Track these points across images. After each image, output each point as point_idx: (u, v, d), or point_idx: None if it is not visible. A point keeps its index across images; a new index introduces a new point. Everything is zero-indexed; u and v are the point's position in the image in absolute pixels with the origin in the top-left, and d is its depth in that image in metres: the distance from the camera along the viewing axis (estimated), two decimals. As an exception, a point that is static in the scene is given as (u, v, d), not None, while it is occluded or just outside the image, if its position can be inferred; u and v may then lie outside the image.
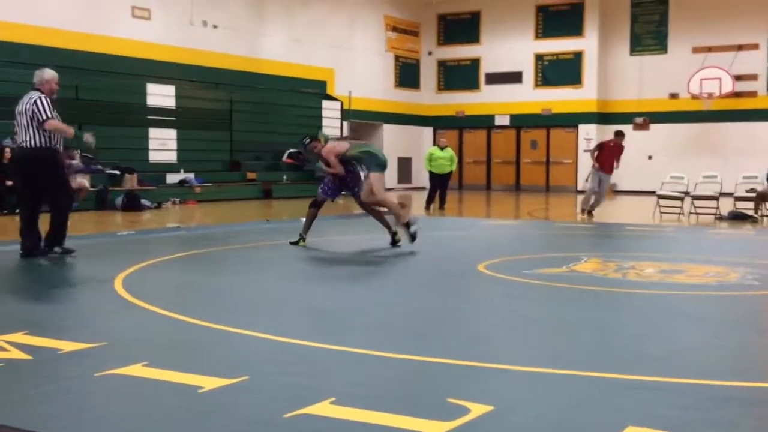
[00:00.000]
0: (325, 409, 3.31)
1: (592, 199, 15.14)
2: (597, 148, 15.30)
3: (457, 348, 4.49)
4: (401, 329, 5.12)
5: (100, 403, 3.46)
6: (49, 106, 8.08)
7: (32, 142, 8.06)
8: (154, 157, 18.55)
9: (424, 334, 4.94)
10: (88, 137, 8.46)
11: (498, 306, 5.99)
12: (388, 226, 9.65)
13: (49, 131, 8.05)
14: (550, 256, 8.85)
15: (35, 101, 8.02)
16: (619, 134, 15.48)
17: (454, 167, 17.21)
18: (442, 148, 17.03)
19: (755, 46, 23.95)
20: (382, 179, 9.31)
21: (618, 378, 3.85)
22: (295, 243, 9.57)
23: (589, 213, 14.97)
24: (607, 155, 15.14)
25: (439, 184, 17.03)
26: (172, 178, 18.40)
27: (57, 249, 8.34)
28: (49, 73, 8.32)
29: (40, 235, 8.33)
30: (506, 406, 3.37)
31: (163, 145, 18.74)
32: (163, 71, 19.34)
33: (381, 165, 9.42)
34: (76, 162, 15.79)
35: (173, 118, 19.06)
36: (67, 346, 4.38)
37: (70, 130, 8.28)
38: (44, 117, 7.97)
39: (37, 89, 8.22)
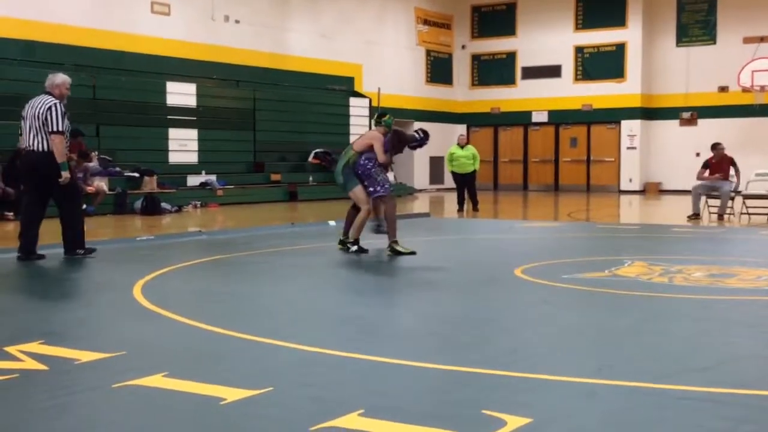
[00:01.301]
0: (353, 421, 3.31)
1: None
2: (703, 169, 14.94)
3: (493, 357, 4.48)
4: (433, 338, 5.12)
5: (118, 415, 3.49)
6: (62, 116, 8.32)
7: (42, 147, 8.29)
8: (174, 158, 18.70)
9: (458, 342, 4.93)
10: (66, 177, 8.43)
11: (536, 313, 5.96)
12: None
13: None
14: (592, 260, 8.78)
15: (50, 108, 8.24)
16: (716, 146, 15.11)
17: (478, 165, 17.12)
18: (462, 146, 16.96)
19: (810, 35, 23.62)
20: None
21: (664, 389, 3.81)
22: (347, 247, 9.45)
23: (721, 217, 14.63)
24: (715, 168, 14.79)
25: (464, 184, 16.96)
26: (193, 181, 18.53)
27: (79, 251, 8.65)
28: (60, 78, 8.52)
29: (37, 239, 8.55)
30: (544, 419, 3.35)
31: (183, 146, 18.89)
32: (183, 69, 19.50)
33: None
34: (94, 164, 15.97)
35: (194, 118, 19.20)
36: (84, 356, 4.43)
37: (63, 159, 8.34)
38: (54, 129, 8.22)
39: (48, 93, 8.42)
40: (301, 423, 3.30)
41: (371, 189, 9.28)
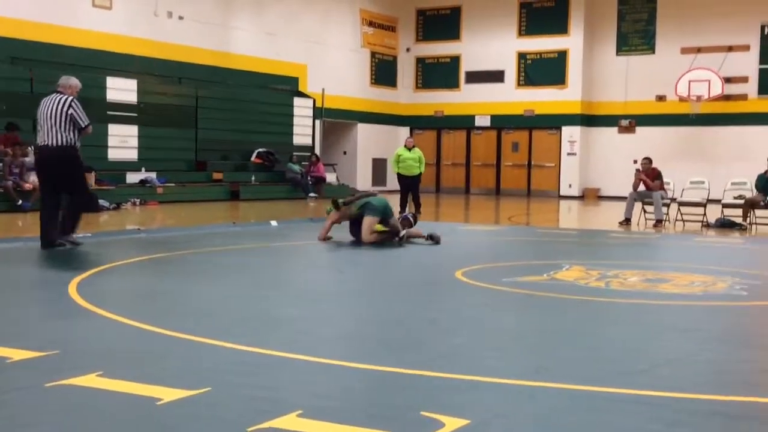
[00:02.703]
0: (291, 422, 3.29)
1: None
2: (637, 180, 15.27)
3: (432, 359, 4.49)
4: (372, 339, 5.12)
5: (50, 416, 3.41)
6: (83, 110, 9.19)
7: (55, 141, 8.98)
8: (113, 155, 18.40)
9: (397, 344, 4.93)
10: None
11: (475, 315, 6.00)
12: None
13: (76, 133, 9.07)
14: (531, 264, 8.89)
15: (72, 104, 9.05)
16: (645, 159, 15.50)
17: (423, 168, 17.22)
18: (409, 149, 17.03)
19: (746, 48, 24.25)
20: (374, 222, 10.24)
21: (599, 391, 3.86)
22: None
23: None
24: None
25: (408, 187, 17.01)
26: (132, 178, 18.27)
27: (65, 239, 9.18)
28: (75, 80, 9.47)
29: (57, 226, 9.20)
30: (483, 420, 3.37)
31: (123, 142, 18.61)
32: (124, 64, 19.22)
33: (378, 210, 10.27)
34: (29, 159, 15.63)
35: (135, 114, 18.93)
36: (16, 354, 4.33)
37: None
38: (87, 122, 9.16)
39: (60, 92, 9.20)
40: (238, 424, 3.27)
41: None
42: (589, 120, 26.38)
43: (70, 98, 9.13)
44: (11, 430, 3.21)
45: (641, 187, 15.16)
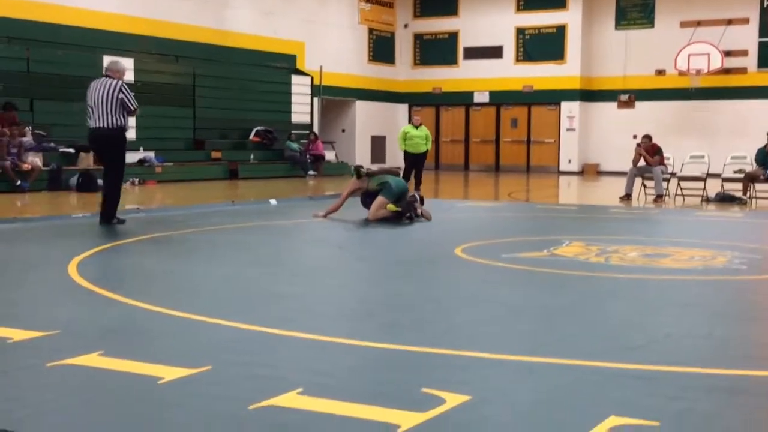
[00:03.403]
0: (292, 400, 3.31)
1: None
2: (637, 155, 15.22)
3: (433, 336, 4.51)
4: (373, 316, 5.13)
5: (52, 395, 3.42)
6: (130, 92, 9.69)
7: (106, 123, 9.43)
8: (111, 134, 18.32)
9: (398, 321, 4.94)
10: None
11: (475, 292, 6.01)
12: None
13: (125, 114, 9.55)
14: (531, 240, 8.89)
15: (122, 88, 9.50)
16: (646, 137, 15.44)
17: (430, 146, 17.27)
18: (416, 126, 17.04)
19: (745, 21, 24.13)
20: (385, 203, 10.30)
21: (600, 366, 3.88)
22: None
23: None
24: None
25: (414, 164, 17.04)
26: (131, 157, 18.16)
27: (113, 221, 9.71)
28: (122, 64, 10.07)
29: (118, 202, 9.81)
30: (483, 396, 3.38)
31: (121, 121, 18.52)
32: (120, 43, 19.11)
33: (394, 194, 10.30)
34: (27, 139, 15.60)
35: (132, 93, 18.79)
36: (17, 334, 4.34)
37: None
38: (136, 105, 9.63)
39: (109, 76, 9.59)
40: (239, 402, 3.28)
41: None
42: (588, 95, 26.30)
43: (120, 82, 9.56)
44: (14, 410, 3.23)
45: (641, 162, 15.14)
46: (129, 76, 18.50)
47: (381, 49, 27.94)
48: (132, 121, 18.83)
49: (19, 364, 3.82)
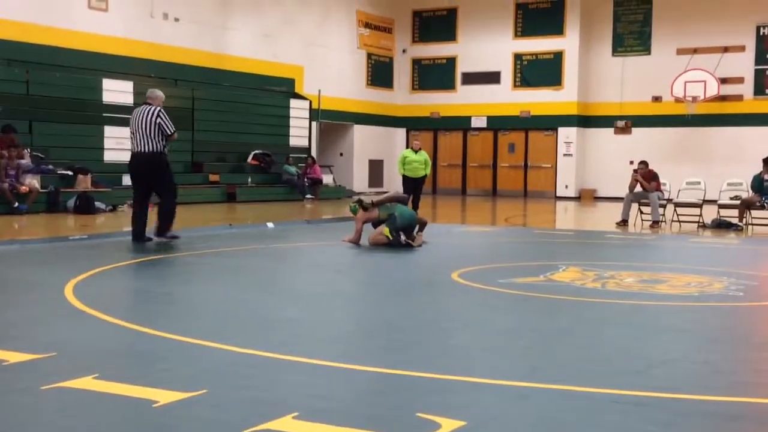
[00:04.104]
0: (287, 424, 3.30)
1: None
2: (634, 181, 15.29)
3: (429, 360, 4.50)
4: (369, 340, 5.12)
5: (46, 418, 3.41)
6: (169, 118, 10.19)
7: (147, 148, 10.04)
8: (109, 156, 18.37)
9: (394, 345, 4.93)
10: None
11: (472, 317, 6.00)
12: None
13: (165, 139, 10.06)
14: (527, 265, 8.89)
15: (159, 113, 10.04)
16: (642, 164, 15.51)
17: (429, 171, 17.29)
18: (416, 151, 17.08)
19: (741, 48, 24.29)
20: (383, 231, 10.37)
21: (595, 392, 3.87)
22: None
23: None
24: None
25: (412, 188, 17.06)
26: (128, 180, 18.17)
27: (167, 235, 10.28)
28: (160, 92, 10.61)
29: (146, 223, 10.26)
30: (479, 422, 3.37)
31: (119, 144, 18.54)
32: (120, 66, 19.20)
33: (397, 228, 10.25)
34: (26, 161, 15.62)
35: (130, 116, 18.77)
36: (12, 356, 4.32)
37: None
38: (173, 129, 10.19)
39: (149, 103, 10.20)
40: (235, 425, 3.27)
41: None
42: (585, 121, 26.41)
43: (158, 108, 10.12)
44: (7, 432, 3.21)
45: (638, 188, 15.18)
46: (127, 99, 18.71)
47: (379, 73, 28.07)
48: (130, 143, 18.95)
49: (13, 387, 3.81)
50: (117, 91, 18.59)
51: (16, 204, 14.72)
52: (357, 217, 10.68)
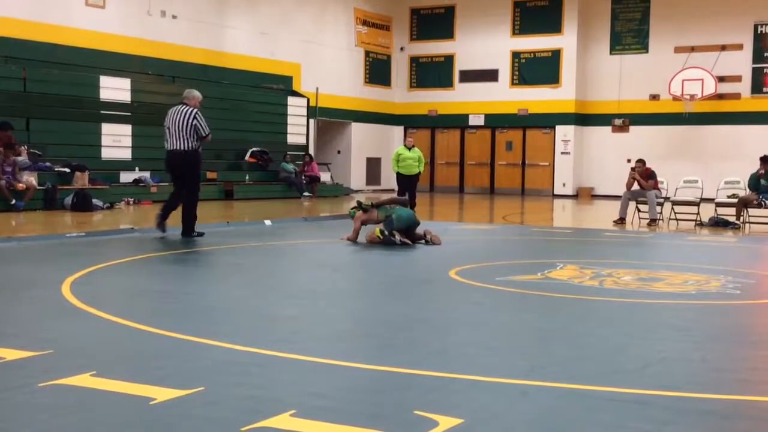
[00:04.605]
0: (284, 421, 3.29)
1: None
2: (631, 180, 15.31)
3: (426, 358, 4.50)
4: (367, 338, 5.12)
5: (43, 416, 3.40)
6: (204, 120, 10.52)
7: (183, 146, 10.39)
8: (107, 154, 18.36)
9: (391, 343, 4.93)
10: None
11: (469, 314, 6.00)
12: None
13: (198, 139, 10.39)
14: (525, 263, 8.89)
15: (196, 115, 10.39)
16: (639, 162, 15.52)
17: (423, 168, 17.27)
18: (409, 148, 17.07)
19: (739, 47, 24.31)
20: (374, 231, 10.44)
21: (593, 390, 3.87)
22: None
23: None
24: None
25: (407, 185, 17.04)
26: (126, 177, 18.23)
27: (192, 235, 10.57)
28: (197, 93, 10.89)
29: (174, 208, 10.72)
30: (476, 419, 3.37)
31: (117, 141, 18.57)
32: (117, 63, 19.18)
33: (393, 230, 10.23)
34: (23, 159, 15.60)
35: (128, 114, 18.89)
36: (9, 354, 4.32)
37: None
38: (208, 131, 10.52)
39: (185, 103, 10.49)
40: (232, 423, 3.26)
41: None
42: (582, 119, 26.41)
43: (195, 110, 10.44)
44: (5, 430, 3.21)
45: (635, 186, 15.19)
46: (124, 97, 18.73)
47: (377, 71, 28.06)
48: (128, 141, 18.99)
49: (10, 384, 3.80)
50: (114, 88, 18.58)
51: (13, 201, 14.70)
52: (356, 217, 10.68)
